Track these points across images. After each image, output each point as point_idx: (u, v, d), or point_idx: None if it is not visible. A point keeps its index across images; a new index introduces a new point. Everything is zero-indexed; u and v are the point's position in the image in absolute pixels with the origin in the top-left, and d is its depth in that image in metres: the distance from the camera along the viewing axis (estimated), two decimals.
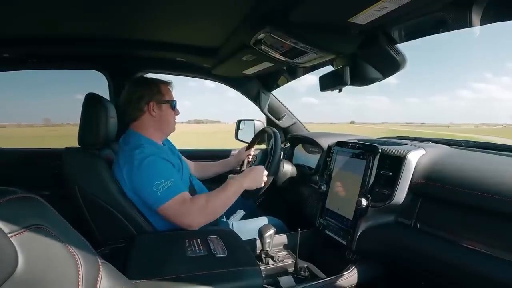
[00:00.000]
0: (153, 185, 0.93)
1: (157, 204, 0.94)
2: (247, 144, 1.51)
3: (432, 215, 0.78)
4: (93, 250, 0.47)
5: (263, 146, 1.66)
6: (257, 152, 1.49)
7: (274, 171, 1.22)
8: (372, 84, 1.07)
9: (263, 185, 1.10)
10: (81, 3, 0.93)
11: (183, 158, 1.31)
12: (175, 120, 1.14)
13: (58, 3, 0.93)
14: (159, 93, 1.07)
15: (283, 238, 1.10)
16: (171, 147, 1.22)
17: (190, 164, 1.43)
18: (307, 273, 0.96)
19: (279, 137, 1.20)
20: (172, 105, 1.10)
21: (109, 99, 1.31)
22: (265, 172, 1.11)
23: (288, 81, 1.68)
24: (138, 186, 0.96)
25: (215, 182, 1.43)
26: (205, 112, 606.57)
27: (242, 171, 1.36)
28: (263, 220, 1.23)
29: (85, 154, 1.01)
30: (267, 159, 1.23)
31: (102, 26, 1.16)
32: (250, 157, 1.46)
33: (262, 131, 1.44)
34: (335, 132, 1.52)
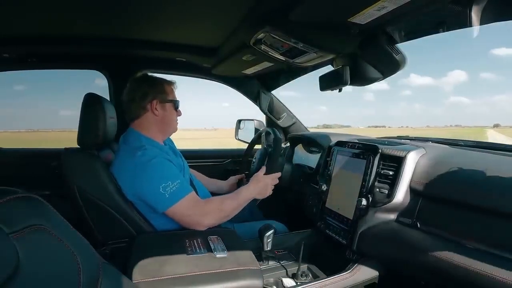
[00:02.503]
0: (160, 188, 0.92)
1: (165, 206, 0.93)
2: (248, 144, 1.50)
3: (432, 214, 0.78)
4: (93, 250, 0.47)
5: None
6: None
7: (275, 171, 1.22)
8: None
9: (270, 193, 1.11)
10: (81, 3, 0.93)
11: None
12: (177, 121, 1.12)
13: (58, 3, 0.93)
14: (163, 92, 1.06)
15: (283, 238, 1.10)
16: (173, 147, 1.21)
17: None
18: (308, 276, 0.96)
19: (280, 138, 1.20)
20: (175, 105, 1.09)
21: (109, 99, 1.31)
22: (274, 181, 1.12)
23: (288, 81, 1.68)
24: (142, 189, 0.94)
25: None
26: (339, 116, 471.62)
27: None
28: (263, 222, 1.23)
29: (84, 154, 1.00)
30: (265, 159, 1.23)
31: (102, 26, 1.16)
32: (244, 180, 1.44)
33: (265, 133, 1.43)
34: (335, 132, 1.52)
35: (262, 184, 1.09)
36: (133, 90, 1.06)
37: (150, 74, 1.13)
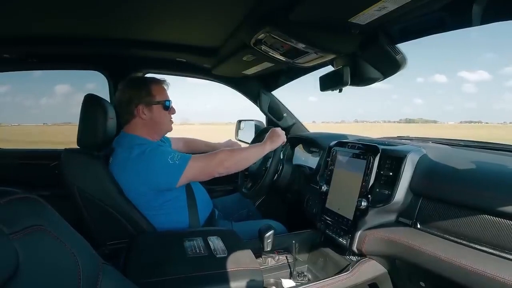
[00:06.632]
0: (168, 160, 0.95)
1: (181, 171, 0.96)
2: (248, 144, 1.51)
3: (433, 215, 0.78)
4: (93, 251, 0.47)
5: None
6: None
7: (274, 171, 1.23)
8: None
9: (284, 141, 1.18)
10: (81, 3, 0.93)
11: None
12: (171, 120, 1.11)
13: (58, 3, 0.93)
14: (148, 95, 1.04)
15: (283, 238, 1.10)
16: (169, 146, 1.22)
17: (179, 141, 1.44)
18: (306, 275, 0.96)
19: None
20: (164, 105, 1.07)
21: (109, 100, 1.31)
22: (282, 131, 1.18)
23: (288, 81, 1.68)
24: (152, 175, 0.95)
25: (217, 182, 1.43)
26: (435, 110, 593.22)
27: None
28: (262, 222, 1.23)
29: (84, 155, 1.00)
30: (267, 158, 1.23)
31: (102, 26, 1.16)
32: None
33: (264, 130, 1.44)
34: (335, 132, 1.52)
35: (272, 133, 1.15)
36: (120, 95, 1.06)
37: (136, 76, 1.13)
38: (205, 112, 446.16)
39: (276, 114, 1.75)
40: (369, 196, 0.89)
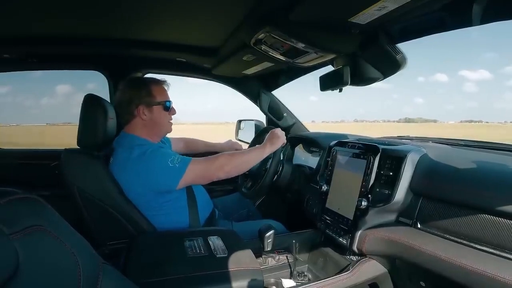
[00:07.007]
0: (168, 163, 0.95)
1: (180, 174, 0.95)
2: (248, 144, 1.51)
3: (433, 214, 0.78)
4: (93, 251, 0.47)
5: None
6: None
7: (274, 171, 1.23)
8: None
9: (284, 142, 1.17)
10: (81, 3, 0.93)
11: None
12: (171, 120, 1.11)
13: (58, 3, 0.93)
14: (149, 95, 1.04)
15: (283, 238, 1.10)
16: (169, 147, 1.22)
17: (179, 141, 1.44)
18: (306, 275, 0.96)
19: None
20: (165, 106, 1.06)
21: (109, 100, 1.31)
22: (282, 132, 1.18)
23: (288, 81, 1.68)
24: (152, 177, 0.95)
25: (217, 182, 1.43)
26: (436, 109, 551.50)
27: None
28: (262, 222, 1.23)
29: (84, 155, 1.00)
30: (267, 158, 1.23)
31: (102, 26, 1.16)
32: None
33: (264, 130, 1.44)
34: (335, 132, 1.51)
35: (272, 135, 1.15)
36: (120, 96, 1.06)
37: (136, 76, 1.12)
38: (205, 112, 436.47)
39: (276, 114, 1.75)
40: (369, 195, 0.89)
